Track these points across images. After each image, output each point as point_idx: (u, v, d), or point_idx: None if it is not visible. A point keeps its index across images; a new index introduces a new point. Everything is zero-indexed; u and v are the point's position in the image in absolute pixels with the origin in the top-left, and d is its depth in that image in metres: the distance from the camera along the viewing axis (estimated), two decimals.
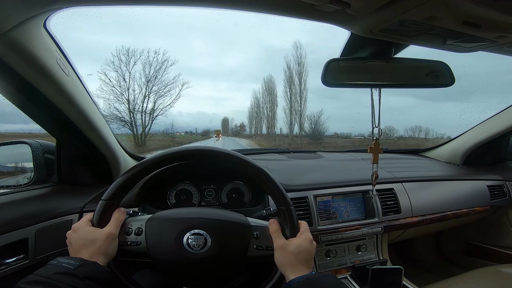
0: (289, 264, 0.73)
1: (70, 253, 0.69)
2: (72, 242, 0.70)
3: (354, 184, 1.25)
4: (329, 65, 0.84)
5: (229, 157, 0.82)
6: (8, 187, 1.00)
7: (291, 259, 0.73)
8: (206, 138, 22.92)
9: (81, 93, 0.86)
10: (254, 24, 10.00)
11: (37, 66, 0.68)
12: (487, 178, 1.55)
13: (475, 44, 0.72)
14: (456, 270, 1.28)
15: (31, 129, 1.50)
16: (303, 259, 0.73)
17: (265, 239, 0.79)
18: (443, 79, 0.85)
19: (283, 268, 0.74)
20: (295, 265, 0.72)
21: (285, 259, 0.73)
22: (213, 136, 25.92)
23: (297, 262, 0.72)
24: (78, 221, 0.73)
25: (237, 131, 29.52)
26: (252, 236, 0.79)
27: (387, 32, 0.66)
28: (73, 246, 0.69)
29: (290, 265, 0.72)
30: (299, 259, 0.73)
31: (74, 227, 0.71)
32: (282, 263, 0.74)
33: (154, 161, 0.79)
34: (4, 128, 2.88)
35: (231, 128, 30.82)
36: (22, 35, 0.61)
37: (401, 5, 0.54)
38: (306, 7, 0.58)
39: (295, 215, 0.80)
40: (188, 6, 0.61)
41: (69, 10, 0.61)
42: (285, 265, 0.73)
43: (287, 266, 0.73)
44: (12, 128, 2.72)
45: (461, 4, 0.52)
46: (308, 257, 0.75)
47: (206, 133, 24.22)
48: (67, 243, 0.71)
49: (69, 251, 0.70)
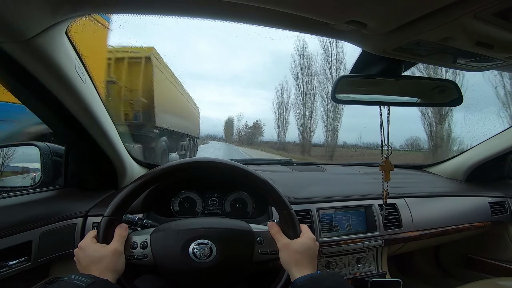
0: (294, 263, 0.73)
1: (79, 270, 0.70)
2: (81, 260, 0.70)
3: (357, 198, 1.25)
4: (339, 81, 0.84)
5: (229, 167, 0.84)
6: (15, 189, 1.00)
7: (296, 257, 0.74)
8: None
9: (96, 100, 0.86)
10: (260, 30, 9.74)
11: (56, 72, 0.69)
12: (489, 195, 1.55)
13: (485, 64, 0.73)
14: (454, 283, 1.28)
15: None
16: (307, 257, 0.74)
17: (269, 244, 0.80)
18: (452, 98, 0.86)
19: (289, 267, 0.74)
20: (300, 264, 0.73)
21: (290, 258, 0.74)
22: (208, 142, 25.04)
23: (302, 261, 0.73)
24: (83, 239, 0.73)
25: (249, 135, 23.58)
26: (256, 242, 0.80)
27: (400, 51, 0.67)
28: (81, 264, 0.70)
29: (295, 264, 0.73)
30: (304, 257, 0.74)
31: (81, 245, 0.72)
32: (287, 262, 0.75)
33: (156, 174, 0.80)
34: None
35: (238, 131, 25.97)
36: (45, 41, 0.61)
37: (417, 26, 0.55)
38: (321, 25, 0.59)
39: (296, 218, 0.81)
40: (200, 18, 0.62)
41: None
42: (291, 264, 0.74)
43: (292, 264, 0.73)
44: None
45: (476, 26, 0.53)
46: (313, 255, 0.76)
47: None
48: (75, 260, 0.72)
49: (78, 268, 0.71)
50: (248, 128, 24.73)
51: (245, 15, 0.60)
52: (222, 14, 0.60)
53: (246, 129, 25.26)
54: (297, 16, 0.55)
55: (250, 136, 24.03)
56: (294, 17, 0.55)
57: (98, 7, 0.60)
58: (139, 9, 0.60)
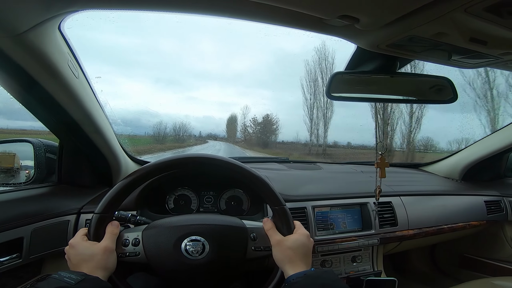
0: (287, 259, 0.72)
1: (70, 268, 0.69)
2: (71, 257, 0.70)
3: (352, 196, 1.25)
4: (333, 78, 0.84)
5: (221, 163, 0.82)
6: (8, 185, 0.99)
7: (289, 254, 0.73)
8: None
9: (89, 95, 0.86)
10: (262, 28, 9.11)
11: (48, 67, 0.68)
12: (485, 194, 1.55)
13: (480, 61, 0.73)
14: (449, 282, 1.28)
15: (33, 126, 1.50)
16: (301, 254, 0.73)
17: (262, 240, 0.79)
18: (447, 95, 0.86)
19: (282, 264, 0.73)
20: (294, 261, 0.72)
21: (283, 255, 0.73)
22: (209, 141, 24.28)
23: (295, 258, 0.72)
24: (74, 237, 0.72)
25: (262, 131, 18.34)
26: (250, 238, 0.79)
27: (394, 47, 0.67)
28: (72, 262, 0.69)
29: (288, 260, 0.72)
30: (297, 254, 0.73)
31: (71, 243, 0.71)
32: (280, 259, 0.74)
33: (148, 170, 0.78)
34: (5, 125, 2.88)
35: (244, 128, 21.08)
36: (37, 36, 0.61)
37: (409, 21, 0.55)
38: (314, 20, 0.59)
39: (289, 214, 0.80)
40: (196, 14, 0.62)
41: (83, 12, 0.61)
42: (284, 261, 0.73)
43: (286, 261, 0.72)
44: (12, 125, 2.71)
45: (469, 21, 0.53)
46: (306, 252, 0.75)
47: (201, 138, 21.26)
48: (66, 258, 0.71)
49: (69, 266, 0.70)
50: (257, 124, 20.24)
51: (238, 10, 0.60)
52: (214, 9, 0.60)
53: (255, 125, 20.87)
54: (291, 11, 0.54)
55: (263, 134, 18.90)
56: (287, 12, 0.55)
57: (92, 3, 0.59)
58: (135, 4, 0.59)
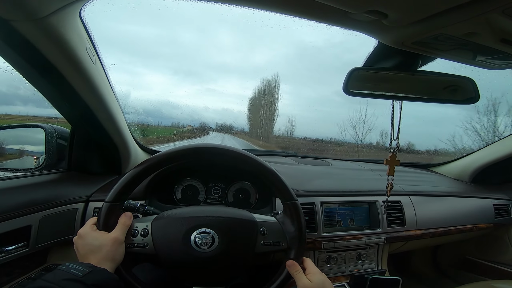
0: None
1: (78, 259, 0.69)
2: (79, 248, 0.69)
3: (361, 194, 1.24)
4: (352, 73, 0.81)
5: (235, 155, 0.81)
6: (18, 171, 0.98)
7: None
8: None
9: (104, 82, 0.85)
10: (282, 19, 8.95)
11: (67, 53, 0.67)
12: (494, 197, 1.54)
13: (506, 62, 0.71)
14: (450, 285, 1.28)
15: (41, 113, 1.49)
16: None
17: (272, 235, 0.79)
18: (469, 96, 0.83)
19: None
20: None
21: None
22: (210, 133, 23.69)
23: None
24: (83, 227, 0.72)
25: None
26: (259, 232, 0.78)
27: (419, 44, 0.65)
28: (80, 252, 0.69)
29: None
30: None
31: (80, 233, 0.70)
32: None
33: (159, 159, 0.78)
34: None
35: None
36: (58, 21, 0.60)
37: (441, 20, 0.53)
38: (339, 14, 0.56)
39: (300, 210, 0.80)
40: (215, 1, 0.60)
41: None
42: None
43: None
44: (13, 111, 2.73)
45: (504, 23, 0.51)
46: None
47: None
48: (74, 249, 0.70)
49: (77, 256, 0.69)
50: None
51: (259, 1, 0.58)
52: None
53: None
54: (315, 3, 0.52)
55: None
56: (311, 3, 0.53)
57: None
58: None
